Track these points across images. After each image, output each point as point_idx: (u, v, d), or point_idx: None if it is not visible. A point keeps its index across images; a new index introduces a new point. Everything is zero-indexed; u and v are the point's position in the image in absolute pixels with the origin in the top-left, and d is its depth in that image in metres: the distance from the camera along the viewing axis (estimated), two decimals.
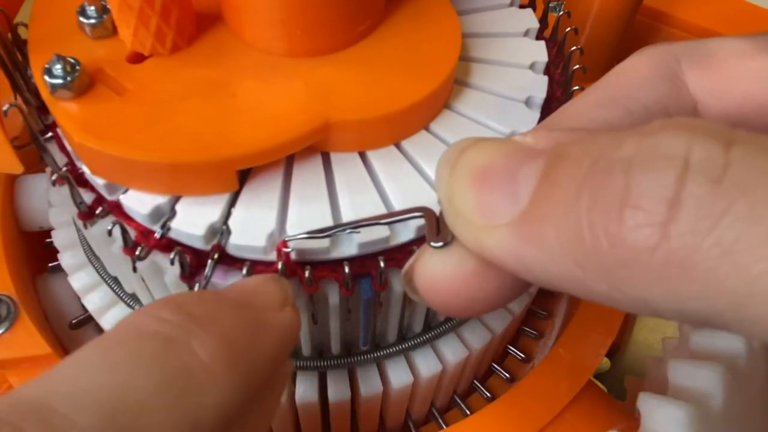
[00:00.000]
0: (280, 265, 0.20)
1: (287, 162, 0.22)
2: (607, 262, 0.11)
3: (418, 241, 0.21)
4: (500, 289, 0.14)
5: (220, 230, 0.20)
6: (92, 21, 0.21)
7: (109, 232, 0.21)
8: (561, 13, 0.27)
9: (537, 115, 0.24)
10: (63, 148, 0.23)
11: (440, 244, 0.15)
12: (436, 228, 0.15)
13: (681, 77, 0.16)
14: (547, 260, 0.12)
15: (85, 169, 0.21)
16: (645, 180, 0.11)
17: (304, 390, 0.26)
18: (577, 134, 0.13)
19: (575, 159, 0.12)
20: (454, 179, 0.14)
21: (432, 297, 0.15)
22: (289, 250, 0.20)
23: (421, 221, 0.21)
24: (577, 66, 0.26)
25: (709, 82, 0.15)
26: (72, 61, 0.20)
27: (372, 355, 0.26)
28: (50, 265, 0.32)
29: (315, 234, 0.19)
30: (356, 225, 0.19)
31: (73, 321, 0.31)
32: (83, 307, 0.29)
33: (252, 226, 0.20)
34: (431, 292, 0.15)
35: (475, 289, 0.14)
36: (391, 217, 0.19)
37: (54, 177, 0.22)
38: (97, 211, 0.22)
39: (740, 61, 0.15)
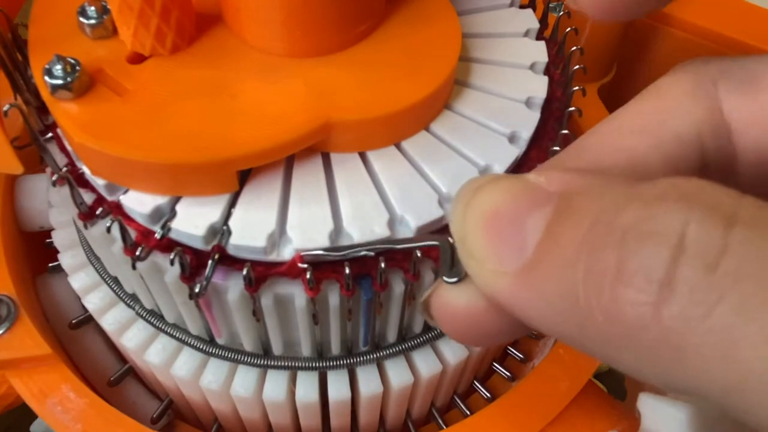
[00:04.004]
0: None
1: (287, 162, 0.22)
2: (601, 332, 0.11)
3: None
4: (514, 325, 0.14)
5: (221, 231, 0.20)
6: (92, 21, 0.21)
7: (108, 230, 0.21)
8: (561, 13, 0.27)
9: (537, 115, 0.24)
10: (63, 149, 0.23)
11: (454, 280, 0.15)
12: (450, 261, 0.15)
13: (717, 103, 0.15)
14: (547, 316, 0.12)
15: (86, 170, 0.21)
16: (639, 257, 0.11)
17: (304, 390, 0.26)
18: (587, 181, 0.13)
19: (578, 216, 0.12)
20: (467, 221, 0.14)
21: (448, 328, 0.15)
22: (305, 266, 0.20)
23: (421, 221, 0.21)
24: (577, 66, 0.26)
25: (745, 110, 0.15)
26: (72, 61, 0.20)
27: (372, 355, 0.26)
28: (50, 265, 0.32)
29: (331, 252, 0.20)
30: (371, 247, 0.20)
31: (73, 321, 0.31)
32: (83, 307, 0.29)
33: (252, 226, 0.20)
34: (447, 324, 0.15)
35: (490, 324, 0.14)
36: (407, 243, 0.19)
37: (54, 177, 0.22)
38: (98, 212, 0.22)
39: None
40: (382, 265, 0.20)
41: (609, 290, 0.11)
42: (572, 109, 0.25)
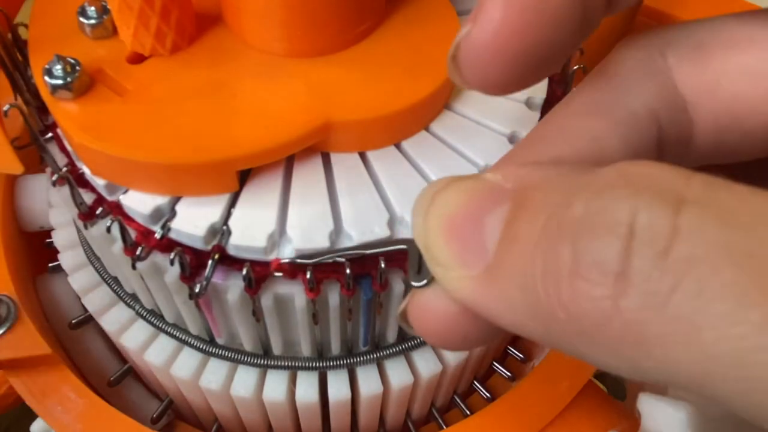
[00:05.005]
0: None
1: (287, 162, 0.22)
2: (566, 328, 0.11)
3: None
4: (490, 327, 0.14)
5: (221, 231, 0.20)
6: (92, 21, 0.21)
7: (108, 230, 0.21)
8: None
9: (537, 115, 0.24)
10: (63, 149, 0.23)
11: (422, 283, 0.15)
12: (417, 264, 0.15)
13: (669, 75, 0.15)
14: (514, 317, 0.12)
15: (86, 170, 0.21)
16: (592, 250, 0.10)
17: (304, 390, 0.26)
18: (541, 174, 0.12)
19: (533, 212, 0.12)
20: (428, 227, 0.13)
21: (426, 334, 0.15)
22: (279, 274, 0.20)
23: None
24: (577, 66, 0.26)
25: (696, 79, 0.14)
26: (72, 61, 0.20)
27: (372, 355, 0.26)
28: (50, 265, 0.32)
29: (305, 259, 0.20)
30: (342, 254, 0.20)
31: (73, 321, 0.31)
32: (83, 307, 0.29)
33: (252, 226, 0.20)
34: (425, 330, 0.15)
35: (466, 327, 0.14)
36: (377, 248, 0.19)
37: (54, 177, 0.22)
38: (98, 212, 0.22)
39: (729, 55, 0.14)
40: (382, 265, 0.20)
41: (567, 286, 0.11)
42: None
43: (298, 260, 0.20)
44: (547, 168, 0.13)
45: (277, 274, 0.20)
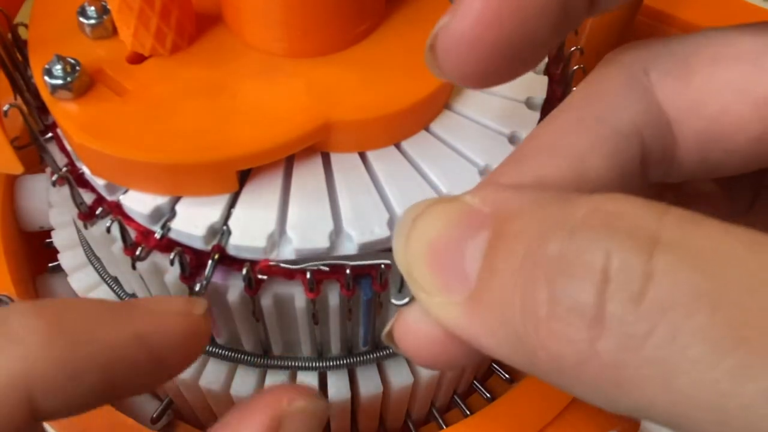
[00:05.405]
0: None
1: (287, 162, 0.22)
2: (546, 365, 0.11)
3: None
4: (478, 350, 0.14)
5: (221, 231, 0.20)
6: (92, 21, 0.21)
7: (108, 230, 0.21)
8: None
9: (537, 115, 0.24)
10: (63, 149, 0.23)
11: (404, 301, 0.15)
12: (400, 282, 0.15)
13: (652, 92, 0.14)
14: (497, 346, 0.12)
15: (86, 170, 0.21)
16: (567, 293, 0.10)
17: None
18: (521, 201, 0.12)
19: (511, 244, 0.12)
20: (409, 253, 0.13)
21: (412, 356, 0.15)
22: (264, 277, 0.20)
23: None
24: (577, 66, 0.26)
25: (679, 97, 0.14)
26: (72, 61, 0.20)
27: (372, 355, 0.26)
28: (50, 265, 0.32)
29: (289, 264, 0.20)
30: (326, 262, 0.20)
31: None
32: None
33: (252, 226, 0.20)
34: (412, 350, 0.15)
35: (453, 349, 0.14)
36: (360, 260, 0.20)
37: (54, 177, 0.22)
38: (98, 212, 0.22)
39: (713, 71, 0.14)
40: (382, 265, 0.20)
41: (545, 327, 0.11)
42: None
43: (283, 264, 0.20)
44: (527, 192, 0.13)
45: (261, 276, 0.20)
